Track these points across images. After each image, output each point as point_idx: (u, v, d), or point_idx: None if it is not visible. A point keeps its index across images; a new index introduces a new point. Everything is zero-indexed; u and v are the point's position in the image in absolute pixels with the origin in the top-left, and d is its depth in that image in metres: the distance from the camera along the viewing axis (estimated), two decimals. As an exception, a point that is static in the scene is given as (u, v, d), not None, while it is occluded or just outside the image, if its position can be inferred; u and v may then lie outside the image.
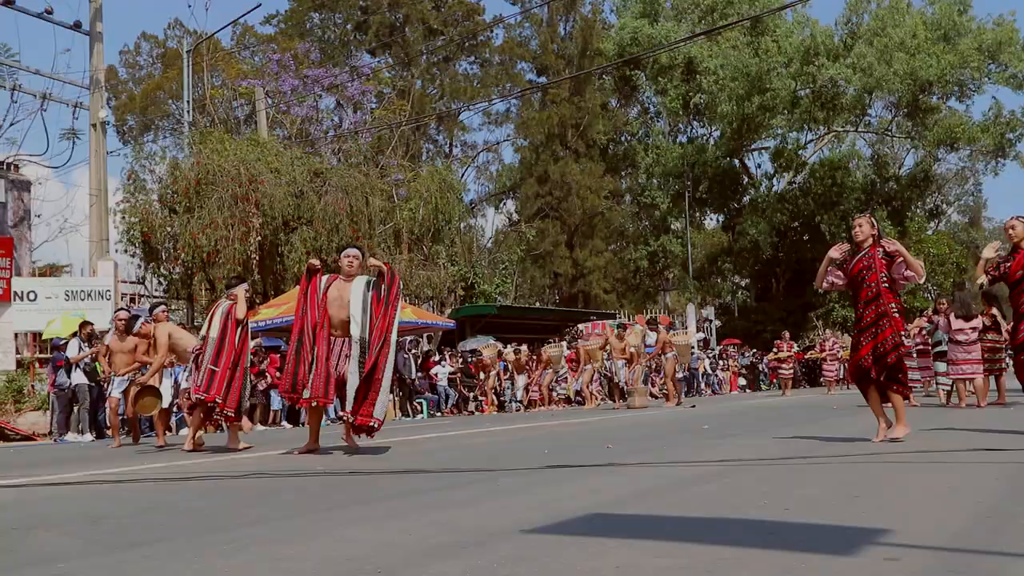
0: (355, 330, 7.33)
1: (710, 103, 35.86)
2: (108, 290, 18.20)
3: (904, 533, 3.07)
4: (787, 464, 5.64)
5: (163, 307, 10.26)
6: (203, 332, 8.89)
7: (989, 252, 7.34)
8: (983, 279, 7.40)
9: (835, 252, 7.07)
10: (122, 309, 11.62)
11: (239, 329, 8.71)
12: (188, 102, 23.00)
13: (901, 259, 6.73)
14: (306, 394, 7.36)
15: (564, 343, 22.95)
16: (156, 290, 22.85)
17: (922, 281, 7.09)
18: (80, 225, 25.71)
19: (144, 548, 3.32)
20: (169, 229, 20.03)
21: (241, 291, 8.85)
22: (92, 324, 13.72)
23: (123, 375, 10.51)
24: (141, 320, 10.20)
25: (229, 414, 8.67)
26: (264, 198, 19.29)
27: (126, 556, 3.19)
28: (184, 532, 3.66)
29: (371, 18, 38.09)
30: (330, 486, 5.46)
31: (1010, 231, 7.33)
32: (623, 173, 41.78)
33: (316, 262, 7.81)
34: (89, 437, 13.12)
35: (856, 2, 35.64)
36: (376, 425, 7.37)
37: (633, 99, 41.38)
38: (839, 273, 7.07)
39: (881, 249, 6.80)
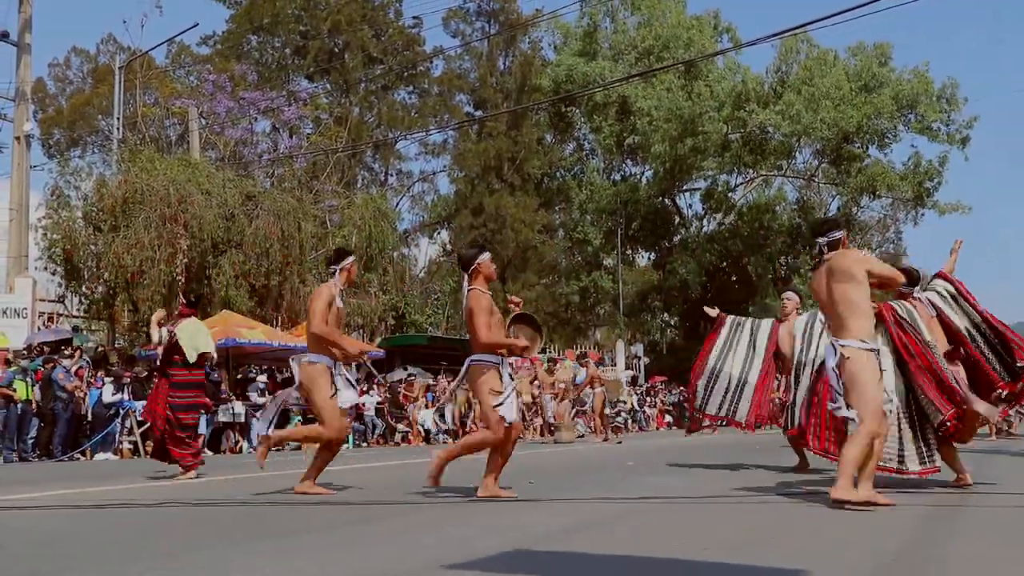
0: None
1: (644, 143, 36.45)
2: (25, 308, 17.65)
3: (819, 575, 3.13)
4: (709, 502, 5.71)
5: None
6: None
7: None
8: None
9: None
10: None
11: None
12: (118, 119, 22.54)
13: None
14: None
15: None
16: (76, 309, 22.18)
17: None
18: (-3, 240, 24.87)
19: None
20: (93, 247, 19.49)
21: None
22: None
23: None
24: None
25: None
26: (193, 219, 18.92)
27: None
28: (91, 564, 3.53)
29: (310, 43, 37.87)
30: (242, 518, 5.33)
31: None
32: (557, 208, 42.10)
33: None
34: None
35: (786, 52, 36.69)
36: None
37: (568, 135, 41.83)
38: None
39: None
